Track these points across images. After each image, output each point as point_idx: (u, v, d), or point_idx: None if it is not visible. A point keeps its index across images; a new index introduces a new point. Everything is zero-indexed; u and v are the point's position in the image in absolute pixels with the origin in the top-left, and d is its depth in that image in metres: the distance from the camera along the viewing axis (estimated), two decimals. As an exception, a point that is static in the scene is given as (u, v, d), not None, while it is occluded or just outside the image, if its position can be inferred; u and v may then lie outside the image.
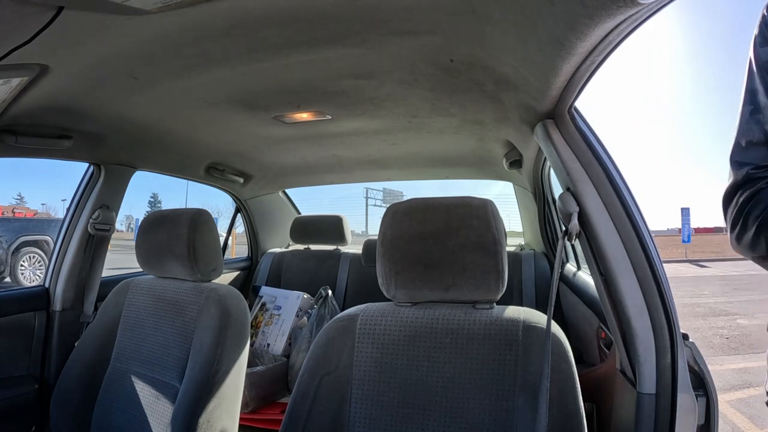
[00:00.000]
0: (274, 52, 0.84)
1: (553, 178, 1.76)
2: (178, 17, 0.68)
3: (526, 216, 2.38)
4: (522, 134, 1.28)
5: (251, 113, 1.20)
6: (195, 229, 1.14)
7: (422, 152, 1.74)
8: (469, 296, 1.00)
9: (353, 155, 1.80)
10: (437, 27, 0.75)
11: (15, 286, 5.37)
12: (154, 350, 1.12)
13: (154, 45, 0.78)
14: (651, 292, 0.71)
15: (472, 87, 1.01)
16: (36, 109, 0.97)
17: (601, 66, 0.64)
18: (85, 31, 0.69)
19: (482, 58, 0.85)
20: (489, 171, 2.08)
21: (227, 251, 2.49)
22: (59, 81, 0.85)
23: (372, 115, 1.26)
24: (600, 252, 0.74)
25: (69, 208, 1.56)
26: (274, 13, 0.70)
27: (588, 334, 1.34)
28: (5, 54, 0.70)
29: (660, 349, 0.71)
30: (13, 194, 19.53)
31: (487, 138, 1.50)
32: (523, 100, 0.92)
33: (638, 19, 0.51)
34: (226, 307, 1.10)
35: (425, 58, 0.88)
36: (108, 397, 1.13)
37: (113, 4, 0.61)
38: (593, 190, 0.75)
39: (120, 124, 1.19)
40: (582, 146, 0.78)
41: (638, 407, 0.71)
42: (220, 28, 0.74)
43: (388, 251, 1.05)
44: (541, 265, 2.11)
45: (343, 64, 0.91)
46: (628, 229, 0.73)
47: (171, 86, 0.98)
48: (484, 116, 1.25)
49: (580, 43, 0.55)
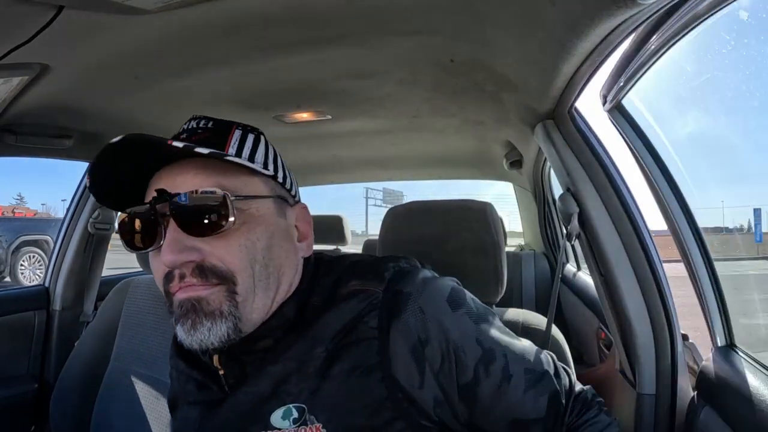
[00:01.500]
0: (274, 52, 0.84)
1: (553, 179, 1.77)
2: (179, 17, 0.68)
3: (526, 216, 2.38)
4: (522, 134, 1.28)
5: (251, 113, 1.20)
6: (195, 229, 1.14)
7: (422, 152, 1.74)
8: (469, 297, 1.00)
9: (353, 155, 1.80)
10: (437, 27, 0.75)
11: (15, 286, 5.37)
12: (154, 349, 1.12)
13: (155, 45, 0.78)
14: (651, 292, 0.71)
15: (473, 87, 1.01)
16: (36, 109, 0.97)
17: (601, 66, 0.64)
18: (86, 31, 0.69)
19: (483, 58, 0.85)
20: (489, 171, 2.08)
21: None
22: (59, 80, 0.85)
23: (372, 115, 1.26)
24: (600, 252, 0.74)
25: (69, 207, 1.56)
26: (274, 13, 0.70)
27: (588, 334, 1.35)
28: (5, 53, 0.70)
29: (660, 350, 0.71)
30: (13, 194, 19.56)
31: (488, 138, 1.51)
32: (523, 101, 0.92)
33: (638, 19, 0.51)
34: (226, 307, 1.10)
35: (425, 58, 0.88)
36: (108, 397, 1.13)
37: (113, 4, 0.61)
38: (593, 190, 0.75)
39: (120, 124, 1.19)
40: (582, 147, 0.78)
41: (638, 407, 0.71)
42: (220, 28, 0.74)
43: (388, 254, 1.05)
44: (541, 266, 2.11)
45: (343, 63, 0.91)
46: (628, 229, 0.73)
47: (171, 86, 0.98)
48: (485, 116, 1.25)
49: (580, 44, 0.56)
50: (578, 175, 0.77)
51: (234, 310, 0.52)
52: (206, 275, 0.51)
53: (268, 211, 0.56)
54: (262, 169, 0.56)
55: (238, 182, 0.54)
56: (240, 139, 0.58)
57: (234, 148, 0.56)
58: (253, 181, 0.56)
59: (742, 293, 1.69)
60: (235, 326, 0.52)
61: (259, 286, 0.54)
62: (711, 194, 2.06)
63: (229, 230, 0.51)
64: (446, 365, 0.56)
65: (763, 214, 3.48)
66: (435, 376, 0.55)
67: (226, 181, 0.53)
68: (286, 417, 0.53)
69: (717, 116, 1.88)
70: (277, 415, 0.53)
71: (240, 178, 0.54)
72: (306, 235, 0.62)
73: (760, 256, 4.17)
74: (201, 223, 0.50)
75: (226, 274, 0.51)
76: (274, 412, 0.53)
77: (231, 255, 0.52)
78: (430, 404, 0.55)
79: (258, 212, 0.54)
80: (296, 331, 0.57)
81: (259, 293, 0.54)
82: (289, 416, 0.53)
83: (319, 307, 0.58)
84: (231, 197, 0.51)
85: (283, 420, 0.53)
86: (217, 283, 0.51)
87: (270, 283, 0.55)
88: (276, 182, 0.59)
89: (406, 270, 0.62)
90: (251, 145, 0.58)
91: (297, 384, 0.54)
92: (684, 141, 1.23)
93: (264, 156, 0.59)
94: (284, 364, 0.55)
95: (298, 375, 0.54)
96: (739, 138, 2.61)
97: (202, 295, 0.51)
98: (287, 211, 0.60)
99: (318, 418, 0.53)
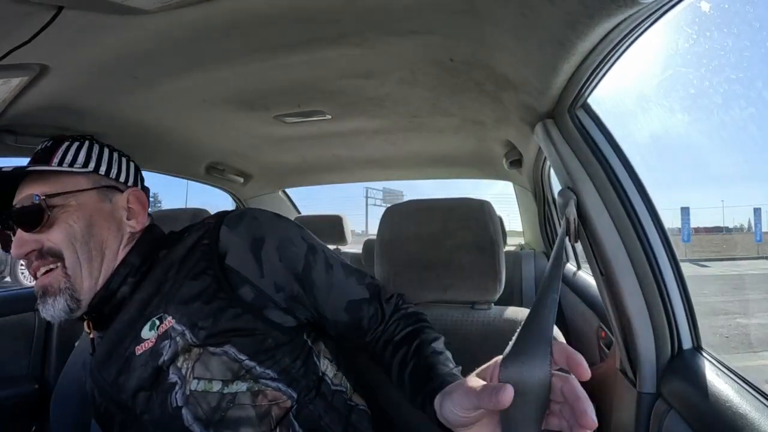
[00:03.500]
0: (274, 52, 0.84)
1: (553, 178, 1.77)
2: (178, 17, 0.68)
3: (526, 216, 2.38)
4: (522, 134, 1.28)
5: (251, 113, 1.21)
6: (195, 229, 1.14)
7: (422, 152, 1.74)
8: (467, 297, 1.00)
9: (353, 155, 1.80)
10: (437, 26, 0.75)
11: (15, 286, 5.37)
12: (154, 350, 1.12)
13: (154, 44, 0.78)
14: (652, 291, 0.71)
15: (472, 87, 1.01)
16: (36, 109, 0.97)
17: (601, 65, 0.64)
18: (85, 31, 0.69)
19: (482, 57, 0.85)
20: (489, 171, 2.08)
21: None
22: (59, 81, 0.85)
23: (372, 115, 1.26)
24: (600, 251, 0.74)
25: (69, 207, 1.56)
26: (274, 12, 0.70)
27: (588, 333, 1.34)
28: (5, 54, 0.70)
29: (661, 349, 0.71)
30: (13, 194, 19.49)
31: (488, 138, 1.50)
32: (523, 100, 0.92)
33: (638, 18, 0.51)
34: (226, 307, 1.10)
35: (425, 58, 0.88)
36: (108, 397, 1.12)
37: (113, 4, 0.61)
38: (593, 189, 0.75)
39: (120, 124, 1.19)
40: (582, 146, 0.78)
41: (638, 407, 0.71)
42: (220, 27, 0.74)
43: (386, 252, 1.06)
44: (541, 265, 2.11)
45: (343, 63, 0.91)
46: (628, 228, 0.72)
47: (171, 86, 0.98)
48: (485, 116, 1.25)
49: (580, 43, 0.55)
50: (578, 174, 0.77)
51: (67, 284, 0.68)
52: (44, 256, 0.69)
53: (89, 200, 0.72)
54: (80, 169, 0.73)
55: (58, 184, 0.71)
56: (65, 149, 0.74)
57: (58, 158, 0.73)
58: (74, 180, 0.72)
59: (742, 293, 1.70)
60: (71, 296, 0.68)
61: (83, 258, 0.70)
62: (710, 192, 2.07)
63: (52, 221, 0.68)
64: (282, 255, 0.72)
65: (763, 214, 3.50)
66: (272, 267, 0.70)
67: (46, 187, 0.70)
68: (153, 328, 0.68)
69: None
70: (146, 330, 0.68)
71: (60, 180, 0.71)
72: (137, 214, 0.77)
73: (761, 256, 4.20)
74: (28, 222, 0.68)
75: (57, 253, 0.69)
76: (144, 328, 0.69)
77: (57, 238, 0.68)
78: (272, 290, 0.69)
79: (76, 202, 0.71)
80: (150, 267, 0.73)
81: (84, 264, 0.70)
82: (154, 327, 0.68)
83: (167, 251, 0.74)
84: (42, 197, 0.68)
85: (150, 331, 0.68)
86: (53, 261, 0.69)
87: (93, 255, 0.70)
88: (99, 175, 0.75)
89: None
90: (74, 152, 0.74)
91: (158, 304, 0.69)
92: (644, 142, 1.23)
93: (86, 157, 0.75)
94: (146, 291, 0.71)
95: (158, 296, 0.70)
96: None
97: (46, 282, 0.69)
98: (114, 197, 0.76)
99: (169, 314, 0.67)
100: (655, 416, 0.68)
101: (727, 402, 0.56)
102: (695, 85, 1.93)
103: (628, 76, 0.77)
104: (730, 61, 2.88)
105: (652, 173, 0.84)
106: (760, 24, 1.82)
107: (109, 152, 0.79)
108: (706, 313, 5.89)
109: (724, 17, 1.14)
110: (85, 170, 0.73)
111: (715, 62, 1.54)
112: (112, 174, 0.77)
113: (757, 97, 10.31)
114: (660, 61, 0.71)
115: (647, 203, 0.75)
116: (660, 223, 0.75)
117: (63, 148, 0.74)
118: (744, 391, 0.58)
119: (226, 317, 0.66)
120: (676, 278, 0.73)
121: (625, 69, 0.68)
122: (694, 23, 0.70)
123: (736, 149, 12.76)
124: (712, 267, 12.23)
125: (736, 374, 0.64)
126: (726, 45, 1.92)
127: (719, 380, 0.61)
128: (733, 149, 14.51)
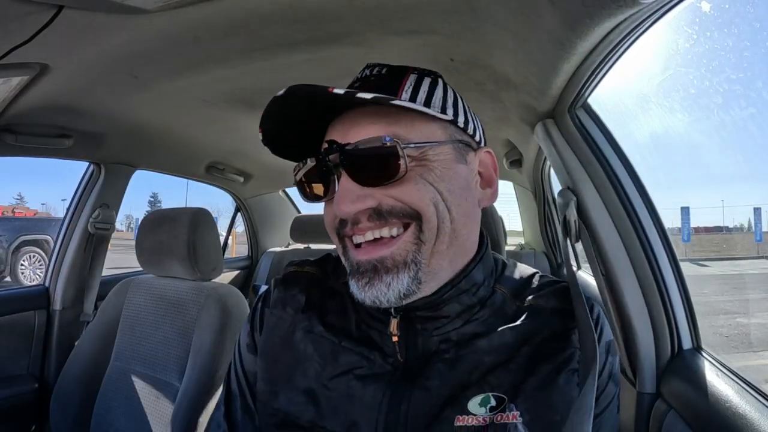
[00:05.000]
0: (274, 51, 0.84)
1: (553, 178, 1.76)
2: (178, 16, 0.68)
3: (526, 215, 2.38)
4: (522, 134, 1.28)
5: (251, 112, 1.20)
6: (195, 229, 1.14)
7: (422, 152, 1.74)
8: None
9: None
10: (437, 26, 0.75)
11: (15, 286, 5.37)
12: (155, 349, 1.12)
13: (154, 44, 0.78)
14: (651, 291, 0.71)
15: (473, 86, 1.01)
16: (36, 109, 0.97)
17: (602, 65, 0.64)
18: (85, 31, 0.69)
19: (482, 57, 0.85)
20: (489, 170, 2.08)
21: (227, 250, 2.49)
22: (59, 80, 0.85)
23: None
24: (600, 251, 0.74)
25: (69, 207, 1.56)
26: (274, 12, 0.70)
27: (588, 333, 1.34)
28: (5, 53, 0.70)
29: (660, 349, 0.71)
30: (14, 194, 19.50)
31: (488, 137, 1.50)
32: (523, 100, 0.91)
33: (638, 18, 0.51)
34: (227, 307, 1.10)
35: (425, 58, 0.88)
36: (108, 396, 1.13)
37: (113, 4, 0.61)
38: (593, 189, 0.75)
39: (120, 123, 1.19)
40: (582, 146, 0.78)
41: (638, 407, 0.71)
42: (220, 27, 0.74)
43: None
44: (541, 265, 2.11)
45: (343, 63, 0.91)
46: (628, 228, 0.72)
47: (171, 85, 0.98)
48: (485, 116, 1.25)
49: (580, 43, 0.55)
50: (578, 174, 0.77)
51: (417, 255, 0.50)
52: (384, 217, 0.50)
53: (446, 158, 0.53)
54: (438, 113, 0.53)
55: (412, 129, 0.51)
56: (415, 83, 0.55)
57: (408, 93, 0.53)
58: (429, 127, 0.53)
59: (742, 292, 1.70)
60: (416, 275, 0.50)
61: (443, 230, 0.51)
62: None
63: (402, 179, 0.49)
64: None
65: (763, 214, 3.50)
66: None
67: (398, 129, 0.50)
68: (484, 404, 0.51)
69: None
70: (475, 402, 0.51)
71: (414, 124, 0.52)
72: (490, 182, 0.59)
73: (761, 256, 4.20)
74: (372, 173, 0.49)
75: (409, 212, 0.50)
76: (473, 398, 0.51)
77: (414, 197, 0.50)
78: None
79: (434, 158, 0.52)
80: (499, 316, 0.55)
81: (445, 239, 0.51)
82: (486, 404, 0.51)
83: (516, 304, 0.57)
84: (402, 145, 0.49)
85: (480, 407, 0.51)
86: (398, 223, 0.50)
87: (455, 230, 0.52)
88: (456, 127, 0.56)
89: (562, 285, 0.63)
90: (427, 89, 0.55)
91: (499, 376, 0.52)
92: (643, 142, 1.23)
93: (442, 100, 0.55)
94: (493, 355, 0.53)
95: (502, 368, 0.52)
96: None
97: (385, 255, 0.50)
98: (468, 157, 0.56)
99: (518, 407, 0.50)
100: (654, 416, 0.68)
101: (727, 402, 0.56)
102: (695, 85, 1.94)
103: (628, 76, 0.77)
104: (730, 61, 2.88)
105: (652, 173, 0.84)
106: (761, 24, 1.84)
107: (455, 97, 0.59)
108: (706, 312, 5.89)
109: (724, 17, 1.15)
110: (444, 117, 0.54)
111: (715, 62, 1.55)
112: (469, 128, 0.58)
113: (757, 97, 10.30)
114: (660, 61, 0.71)
115: (647, 203, 0.75)
116: (660, 223, 0.75)
117: (412, 81, 0.55)
118: (744, 391, 0.58)
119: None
120: (676, 278, 0.73)
121: (626, 69, 0.68)
122: (694, 23, 0.70)
123: (736, 149, 12.88)
124: (712, 266, 12.23)
125: (736, 374, 0.64)
126: (726, 45, 1.95)
127: (719, 380, 0.61)
128: (733, 149, 14.51)
